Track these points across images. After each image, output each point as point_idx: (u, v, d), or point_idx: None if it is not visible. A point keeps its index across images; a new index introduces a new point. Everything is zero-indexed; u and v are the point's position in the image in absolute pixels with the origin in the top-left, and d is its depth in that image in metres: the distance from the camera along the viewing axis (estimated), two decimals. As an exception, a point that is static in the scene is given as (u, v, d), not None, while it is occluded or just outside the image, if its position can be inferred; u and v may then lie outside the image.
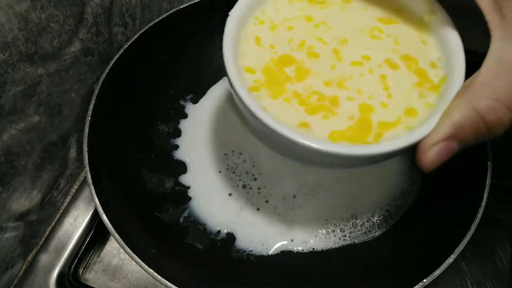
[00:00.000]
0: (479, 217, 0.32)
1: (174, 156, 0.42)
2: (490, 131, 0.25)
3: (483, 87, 0.25)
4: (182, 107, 0.45)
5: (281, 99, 0.30)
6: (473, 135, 0.25)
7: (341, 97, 0.30)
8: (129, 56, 0.40)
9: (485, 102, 0.24)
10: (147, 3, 0.47)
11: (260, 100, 0.29)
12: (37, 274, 0.38)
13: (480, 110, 0.25)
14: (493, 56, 0.25)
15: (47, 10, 0.32)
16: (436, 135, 0.26)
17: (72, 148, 0.42)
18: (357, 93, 0.30)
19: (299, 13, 0.34)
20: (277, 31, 0.33)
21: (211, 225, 0.39)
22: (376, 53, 0.32)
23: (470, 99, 0.25)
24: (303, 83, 0.31)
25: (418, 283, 0.30)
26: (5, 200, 0.34)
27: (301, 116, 0.29)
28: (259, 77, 0.31)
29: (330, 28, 0.33)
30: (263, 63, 0.31)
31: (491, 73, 0.25)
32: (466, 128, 0.25)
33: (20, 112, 0.33)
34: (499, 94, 0.24)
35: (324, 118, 0.29)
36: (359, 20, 0.34)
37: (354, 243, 0.38)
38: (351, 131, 0.28)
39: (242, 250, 0.37)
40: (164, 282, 0.30)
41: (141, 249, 0.32)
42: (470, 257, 0.39)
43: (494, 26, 0.25)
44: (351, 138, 0.28)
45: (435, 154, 0.26)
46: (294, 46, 0.33)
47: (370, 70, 0.31)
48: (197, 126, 0.44)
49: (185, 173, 0.41)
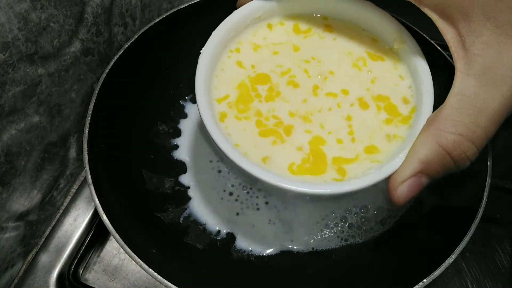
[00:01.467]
0: (479, 217, 0.32)
1: (174, 156, 0.42)
2: (457, 165, 0.26)
3: (447, 122, 0.26)
4: (182, 107, 0.45)
5: (243, 119, 0.31)
6: (441, 169, 0.26)
7: (296, 128, 0.31)
8: (129, 56, 0.40)
9: (449, 137, 0.25)
10: (147, 3, 0.47)
11: (227, 123, 0.31)
12: (37, 274, 0.38)
13: (445, 146, 0.25)
14: (455, 90, 0.26)
15: (47, 10, 0.32)
16: (405, 171, 0.27)
17: (72, 148, 0.42)
18: (319, 127, 0.31)
19: (284, 39, 0.35)
20: (260, 52, 0.35)
21: (211, 225, 0.39)
22: (353, 89, 0.33)
23: (436, 133, 0.26)
24: (270, 104, 0.32)
25: (418, 283, 0.30)
26: (5, 200, 0.34)
27: (256, 139, 0.30)
28: (231, 98, 0.32)
29: (319, 63, 0.34)
30: (239, 80, 0.33)
31: (454, 108, 0.26)
32: (433, 163, 0.26)
33: (20, 112, 0.33)
34: (462, 128, 0.25)
35: (272, 144, 0.30)
36: (346, 52, 0.35)
37: (354, 243, 0.38)
38: (307, 163, 0.29)
39: (242, 250, 0.37)
40: (164, 282, 0.30)
41: (141, 249, 0.32)
42: (470, 257, 0.39)
43: (457, 59, 0.26)
44: (309, 171, 0.29)
45: (406, 190, 0.27)
46: (277, 70, 0.34)
47: (338, 105, 0.32)
48: (197, 126, 0.44)
49: (185, 173, 0.41)
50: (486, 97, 0.25)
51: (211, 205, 0.39)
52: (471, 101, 0.25)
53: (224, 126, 0.31)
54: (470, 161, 0.26)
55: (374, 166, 0.29)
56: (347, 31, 0.36)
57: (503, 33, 0.25)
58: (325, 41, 0.35)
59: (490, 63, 0.25)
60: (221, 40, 0.33)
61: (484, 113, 0.25)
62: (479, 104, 0.25)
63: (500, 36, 0.25)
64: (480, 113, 0.25)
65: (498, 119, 0.25)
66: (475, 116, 0.25)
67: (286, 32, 0.36)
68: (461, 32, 0.26)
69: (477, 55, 0.25)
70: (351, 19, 0.36)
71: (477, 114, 0.25)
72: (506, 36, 0.25)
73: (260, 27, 0.35)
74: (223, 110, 0.31)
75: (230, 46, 0.34)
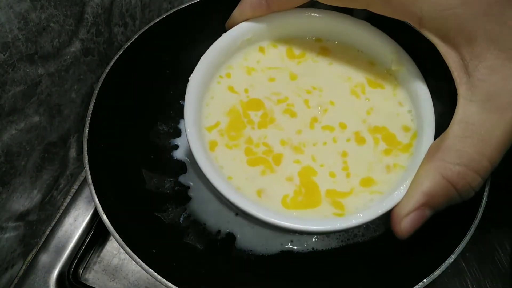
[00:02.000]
0: (479, 217, 0.32)
1: (174, 156, 0.42)
2: (461, 196, 0.26)
3: (451, 153, 0.25)
4: (182, 107, 0.44)
5: (234, 147, 0.30)
6: (445, 201, 0.26)
7: (285, 157, 0.30)
8: (129, 56, 0.40)
9: (454, 168, 0.25)
10: (147, 3, 0.47)
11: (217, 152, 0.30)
12: (37, 274, 0.38)
13: (450, 178, 0.25)
14: (458, 118, 0.25)
15: (47, 10, 0.32)
16: (408, 205, 0.26)
17: (72, 148, 0.42)
18: (310, 159, 0.30)
19: (279, 64, 0.34)
20: (254, 75, 0.33)
21: (211, 225, 0.38)
22: (351, 122, 0.31)
23: (439, 165, 0.25)
24: (263, 130, 0.31)
25: (418, 283, 0.30)
26: (5, 200, 0.34)
27: (246, 169, 0.29)
28: (221, 125, 0.31)
29: (321, 92, 0.33)
30: (230, 106, 0.31)
31: (457, 137, 0.25)
32: (437, 196, 0.25)
33: (20, 112, 0.33)
34: (467, 159, 0.24)
35: (262, 174, 0.29)
36: (345, 77, 0.33)
37: (354, 243, 0.37)
38: (300, 196, 0.28)
39: (242, 250, 0.37)
40: (164, 282, 0.30)
41: (141, 249, 0.32)
42: (470, 257, 0.39)
43: (460, 85, 0.25)
44: (304, 205, 0.28)
45: (409, 223, 0.26)
46: (273, 98, 0.32)
47: (334, 140, 0.31)
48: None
49: (185, 173, 0.41)
50: (490, 125, 0.24)
51: (211, 205, 0.39)
52: (475, 129, 0.24)
53: (214, 156, 0.30)
54: (475, 192, 0.26)
55: (374, 197, 0.28)
56: (343, 54, 0.34)
57: (507, 57, 0.24)
58: (321, 66, 0.34)
59: (494, 88, 0.24)
60: (211, 66, 0.32)
61: (488, 142, 0.24)
62: (483, 132, 0.24)
63: (504, 60, 0.24)
64: (484, 142, 0.24)
65: (503, 147, 0.25)
66: (479, 145, 0.24)
67: (280, 56, 0.34)
68: (464, 56, 0.25)
69: (481, 80, 0.25)
70: (346, 40, 0.34)
71: (482, 143, 0.24)
72: (510, 61, 0.24)
73: (251, 51, 0.34)
74: (213, 138, 0.30)
75: (220, 72, 0.33)
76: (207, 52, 0.32)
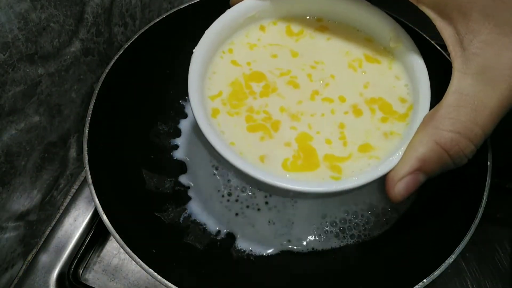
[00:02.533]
0: (479, 217, 0.32)
1: (174, 156, 0.42)
2: (454, 163, 0.26)
3: (445, 120, 0.26)
4: (182, 107, 0.45)
5: (235, 115, 0.31)
6: (438, 167, 0.27)
7: (283, 124, 0.31)
8: (129, 56, 0.40)
9: (447, 135, 0.25)
10: (147, 3, 0.47)
11: (219, 119, 0.31)
12: (37, 274, 0.38)
13: (443, 144, 0.26)
14: (452, 89, 0.26)
15: (47, 10, 0.32)
16: (403, 169, 0.27)
17: (72, 148, 0.42)
18: (306, 127, 0.31)
19: (279, 41, 0.35)
20: (256, 50, 0.34)
21: (211, 225, 0.38)
22: (349, 95, 0.32)
23: (433, 132, 0.26)
24: (264, 99, 0.32)
25: (418, 283, 0.30)
26: (5, 200, 0.34)
27: (246, 136, 0.30)
28: (225, 94, 0.32)
29: (324, 65, 0.34)
30: (232, 78, 0.32)
31: (452, 106, 0.26)
32: (431, 161, 0.26)
33: (20, 112, 0.33)
34: (460, 127, 0.25)
35: (261, 140, 0.30)
36: (344, 51, 0.34)
37: (354, 242, 0.38)
38: (299, 159, 0.29)
39: (242, 250, 0.37)
40: (164, 282, 0.30)
41: (141, 249, 0.32)
42: (470, 257, 0.39)
43: (455, 58, 0.26)
44: (303, 168, 0.29)
45: (403, 187, 0.27)
46: (275, 72, 0.33)
47: (332, 111, 0.31)
48: (197, 126, 0.44)
49: (185, 173, 0.41)
50: (484, 96, 0.25)
51: (211, 205, 0.39)
52: (469, 100, 0.25)
53: (216, 122, 0.30)
54: (468, 159, 0.27)
55: (372, 162, 0.29)
56: (341, 32, 0.35)
57: (501, 32, 0.25)
58: (319, 41, 0.35)
59: (488, 62, 0.25)
60: (214, 40, 0.33)
61: (482, 112, 0.25)
62: (476, 102, 0.25)
63: (498, 35, 0.25)
64: (478, 111, 0.25)
65: (496, 117, 0.25)
66: (473, 114, 0.25)
67: (280, 33, 0.35)
68: (459, 31, 0.26)
69: (475, 54, 0.25)
70: (346, 19, 0.35)
71: (475, 113, 0.25)
72: (504, 35, 0.25)
73: (252, 28, 0.35)
74: (215, 106, 0.31)
75: (222, 47, 0.34)
76: (211, 26, 0.33)
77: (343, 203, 0.39)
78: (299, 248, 0.37)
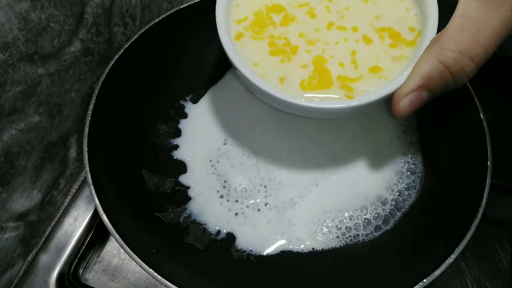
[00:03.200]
0: (479, 217, 0.32)
1: (174, 156, 0.42)
2: (456, 81, 0.28)
3: (449, 41, 0.27)
4: (182, 107, 0.45)
5: (259, 39, 0.34)
6: (440, 85, 0.28)
7: (301, 48, 0.34)
8: (129, 56, 0.40)
9: (449, 54, 0.27)
10: (147, 3, 0.47)
11: (242, 41, 0.34)
12: (37, 274, 0.38)
13: (445, 63, 0.27)
14: (458, 13, 0.28)
15: (47, 10, 0.32)
16: (408, 86, 0.29)
17: (72, 148, 0.42)
18: (320, 51, 0.33)
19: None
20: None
21: (211, 225, 0.38)
22: (361, 25, 0.35)
23: (437, 52, 0.28)
24: (284, 28, 0.35)
25: (418, 283, 0.30)
26: (5, 200, 0.34)
27: (269, 59, 0.33)
28: (248, 21, 0.35)
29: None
30: (256, 9, 0.35)
31: (456, 28, 0.27)
32: (434, 78, 0.28)
33: (20, 112, 0.33)
34: (463, 46, 0.27)
35: (281, 63, 0.33)
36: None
37: (354, 242, 0.37)
38: (314, 79, 0.32)
39: (242, 250, 0.37)
40: (164, 282, 0.30)
41: (141, 249, 0.32)
42: (470, 257, 0.39)
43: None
44: (318, 87, 0.32)
45: (407, 103, 0.29)
46: (294, 4, 0.36)
47: (345, 39, 0.34)
48: (197, 126, 0.44)
49: (185, 173, 0.41)
50: (487, 18, 0.26)
51: (211, 205, 0.39)
52: (473, 22, 0.27)
53: (239, 44, 0.34)
54: (469, 77, 0.28)
55: (381, 82, 0.31)
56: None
57: None
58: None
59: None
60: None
61: (483, 32, 0.26)
62: (479, 24, 0.26)
63: None
64: (480, 32, 0.26)
65: (497, 38, 0.27)
66: (475, 35, 0.26)
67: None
68: None
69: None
70: None
71: (477, 33, 0.26)
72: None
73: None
74: (240, 30, 0.34)
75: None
76: None
77: (343, 204, 0.39)
78: (299, 248, 0.37)
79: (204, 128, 0.44)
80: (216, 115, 0.45)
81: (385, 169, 0.41)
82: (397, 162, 0.41)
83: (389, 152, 0.41)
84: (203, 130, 0.44)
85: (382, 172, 0.40)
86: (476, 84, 0.38)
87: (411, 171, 0.40)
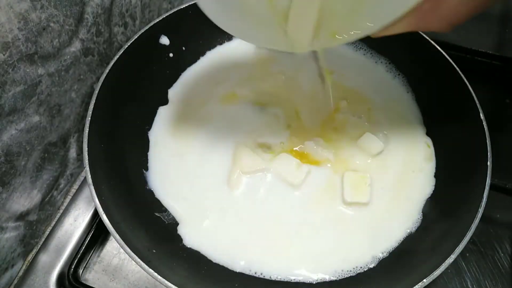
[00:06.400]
0: (479, 217, 0.32)
1: (174, 156, 0.42)
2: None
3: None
4: (182, 107, 0.45)
5: None
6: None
7: None
8: (129, 56, 0.40)
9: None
10: (147, 3, 0.47)
11: None
12: (37, 274, 0.38)
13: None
14: None
15: (47, 10, 0.32)
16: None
17: (72, 148, 0.42)
18: None
19: None
20: None
21: (211, 225, 0.38)
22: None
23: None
24: None
25: (418, 283, 0.30)
26: (5, 200, 0.34)
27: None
28: None
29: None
30: None
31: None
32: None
33: (20, 112, 0.33)
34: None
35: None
36: None
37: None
38: None
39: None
40: (164, 282, 0.30)
41: (141, 249, 0.32)
42: (470, 257, 0.39)
43: None
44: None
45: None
46: None
47: None
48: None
49: (185, 173, 0.41)
50: None
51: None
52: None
53: None
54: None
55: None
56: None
57: None
58: None
59: None
60: None
61: None
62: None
63: None
64: None
65: None
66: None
67: None
68: None
69: None
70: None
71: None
72: None
73: None
74: None
75: None
76: None
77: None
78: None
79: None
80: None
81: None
82: (396, 162, 0.41)
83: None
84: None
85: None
86: (476, 84, 0.38)
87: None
